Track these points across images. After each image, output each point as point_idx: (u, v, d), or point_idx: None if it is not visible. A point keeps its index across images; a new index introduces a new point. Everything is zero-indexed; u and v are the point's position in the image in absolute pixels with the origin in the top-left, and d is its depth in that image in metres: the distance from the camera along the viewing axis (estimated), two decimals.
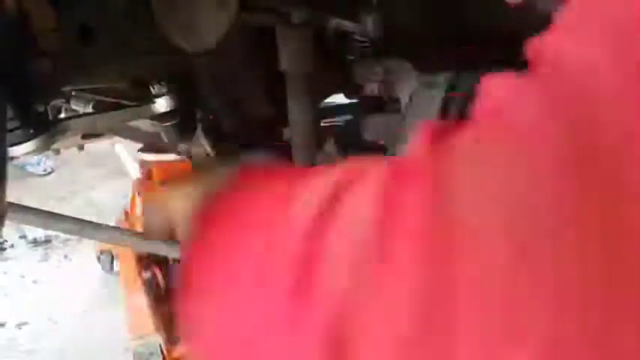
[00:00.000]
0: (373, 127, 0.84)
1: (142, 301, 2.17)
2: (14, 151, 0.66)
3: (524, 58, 0.29)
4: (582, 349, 0.23)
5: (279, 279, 0.32)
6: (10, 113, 0.63)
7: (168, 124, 0.91)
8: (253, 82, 1.00)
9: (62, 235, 2.86)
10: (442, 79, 0.73)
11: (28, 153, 0.67)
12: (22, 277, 2.64)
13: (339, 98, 1.20)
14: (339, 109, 1.34)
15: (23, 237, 2.92)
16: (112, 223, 2.41)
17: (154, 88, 0.88)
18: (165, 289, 2.34)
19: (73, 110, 1.12)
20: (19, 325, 2.28)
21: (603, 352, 0.23)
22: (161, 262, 2.43)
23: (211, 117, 1.02)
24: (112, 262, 2.57)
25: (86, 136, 1.63)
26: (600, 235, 0.23)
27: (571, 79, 0.26)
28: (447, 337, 0.24)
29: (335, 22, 0.89)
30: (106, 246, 2.48)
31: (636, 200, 0.22)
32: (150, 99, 0.88)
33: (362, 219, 0.29)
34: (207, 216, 0.45)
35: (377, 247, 0.28)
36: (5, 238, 2.90)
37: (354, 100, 1.17)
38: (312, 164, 0.89)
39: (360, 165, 0.34)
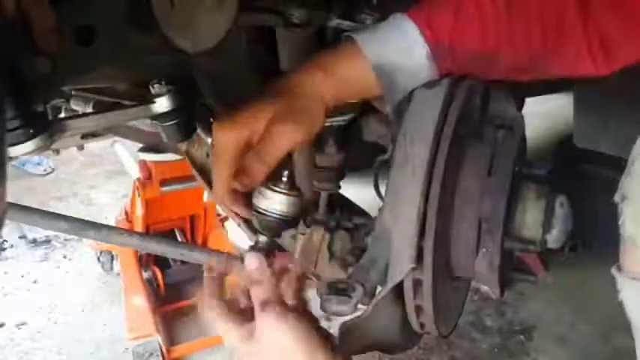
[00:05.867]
0: (373, 127, 0.83)
1: (142, 301, 2.17)
2: (14, 150, 0.66)
3: None
4: None
5: None
6: (10, 113, 0.63)
7: (168, 124, 0.91)
8: (253, 82, 1.00)
9: (62, 235, 2.86)
10: (443, 79, 0.73)
11: (27, 153, 0.67)
12: (22, 277, 2.64)
13: None
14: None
15: (23, 237, 2.91)
16: (112, 223, 2.41)
17: (153, 88, 0.88)
18: (165, 289, 2.35)
19: (73, 110, 1.12)
20: (19, 325, 2.28)
21: None
22: (161, 262, 2.43)
23: (212, 119, 1.02)
24: (112, 262, 2.57)
25: (86, 136, 1.64)
26: None
27: None
28: None
29: (335, 22, 0.89)
30: (106, 246, 2.48)
31: None
32: (150, 99, 0.87)
33: None
34: None
35: None
36: (5, 238, 2.90)
37: (354, 100, 1.17)
38: (312, 164, 0.89)
39: None
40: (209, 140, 0.99)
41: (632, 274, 0.65)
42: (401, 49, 0.70)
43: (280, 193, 0.68)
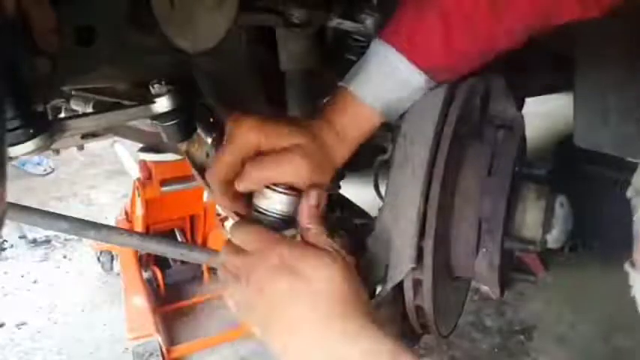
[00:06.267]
0: None
1: (142, 301, 2.17)
2: (14, 150, 0.66)
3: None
4: None
5: None
6: (10, 113, 0.63)
7: (168, 124, 0.91)
8: (253, 82, 1.00)
9: (62, 235, 2.86)
10: None
11: (27, 153, 0.67)
12: (22, 277, 2.64)
13: None
14: None
15: (23, 237, 2.91)
16: (112, 223, 2.41)
17: (153, 88, 0.88)
18: (165, 289, 2.35)
19: (73, 110, 1.12)
20: (19, 325, 2.28)
21: None
22: (161, 262, 2.43)
23: (212, 119, 1.01)
24: (112, 262, 2.57)
25: (86, 136, 1.64)
26: None
27: None
28: None
29: (335, 22, 0.89)
30: (106, 246, 2.48)
31: None
32: (150, 99, 0.87)
33: None
34: None
35: None
36: (5, 238, 2.90)
37: None
38: None
39: None
40: (209, 140, 0.99)
41: None
42: (397, 85, 0.70)
43: (280, 192, 0.68)
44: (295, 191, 0.69)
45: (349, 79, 0.72)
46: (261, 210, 0.70)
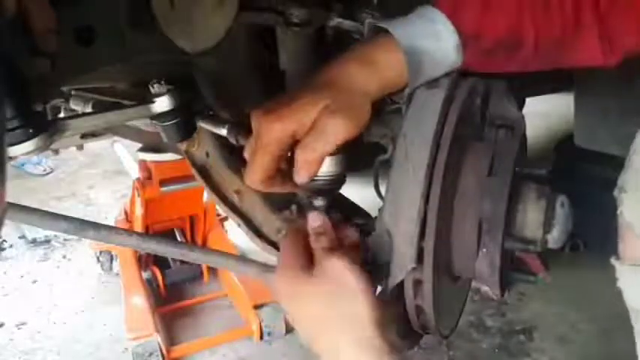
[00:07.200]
0: (373, 128, 0.83)
1: (141, 301, 2.17)
2: (13, 150, 0.66)
3: None
4: None
5: None
6: (9, 113, 0.63)
7: (167, 123, 0.91)
8: (253, 81, 1.00)
9: (62, 235, 2.86)
10: (443, 79, 0.72)
11: (27, 153, 0.67)
12: (22, 277, 2.64)
13: None
14: None
15: (23, 237, 2.91)
16: (112, 223, 2.41)
17: (153, 87, 0.88)
18: (165, 289, 2.35)
19: (73, 110, 1.12)
20: (19, 325, 2.28)
21: None
22: (161, 262, 2.43)
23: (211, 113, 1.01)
24: (111, 262, 2.57)
25: (85, 136, 1.64)
26: None
27: None
28: None
29: (335, 22, 0.89)
30: (106, 246, 2.48)
31: None
32: (149, 99, 0.87)
33: None
34: None
35: None
36: (5, 238, 2.90)
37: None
38: None
39: None
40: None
41: (631, 261, 0.66)
42: (429, 34, 0.71)
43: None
44: (337, 150, 0.71)
45: (386, 23, 0.73)
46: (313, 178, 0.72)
